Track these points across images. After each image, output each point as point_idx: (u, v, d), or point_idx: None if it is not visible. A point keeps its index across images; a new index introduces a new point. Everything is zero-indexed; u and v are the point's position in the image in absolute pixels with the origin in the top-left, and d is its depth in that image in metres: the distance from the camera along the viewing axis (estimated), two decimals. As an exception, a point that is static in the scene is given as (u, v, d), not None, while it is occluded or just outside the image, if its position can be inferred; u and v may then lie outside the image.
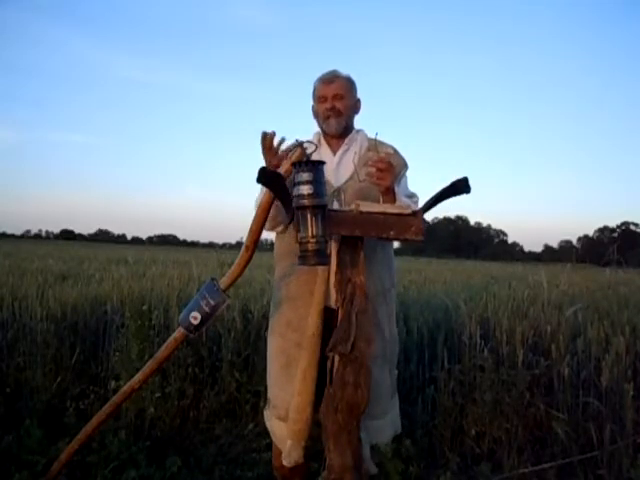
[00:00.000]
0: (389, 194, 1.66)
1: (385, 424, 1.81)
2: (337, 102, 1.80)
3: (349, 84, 1.84)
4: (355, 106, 1.88)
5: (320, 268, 1.65)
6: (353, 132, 1.88)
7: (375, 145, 1.84)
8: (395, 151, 1.85)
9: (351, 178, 1.79)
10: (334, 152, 1.84)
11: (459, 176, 1.52)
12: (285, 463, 1.75)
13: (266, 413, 1.91)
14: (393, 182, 1.64)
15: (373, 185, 1.69)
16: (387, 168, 1.60)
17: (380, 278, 1.80)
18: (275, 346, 1.86)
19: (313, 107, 1.89)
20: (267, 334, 1.95)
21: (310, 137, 1.89)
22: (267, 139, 1.62)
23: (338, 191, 1.76)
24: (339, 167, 1.81)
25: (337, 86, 1.81)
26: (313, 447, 1.79)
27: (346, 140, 1.85)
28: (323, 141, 1.86)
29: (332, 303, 1.66)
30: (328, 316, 1.68)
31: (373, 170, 1.62)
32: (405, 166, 1.84)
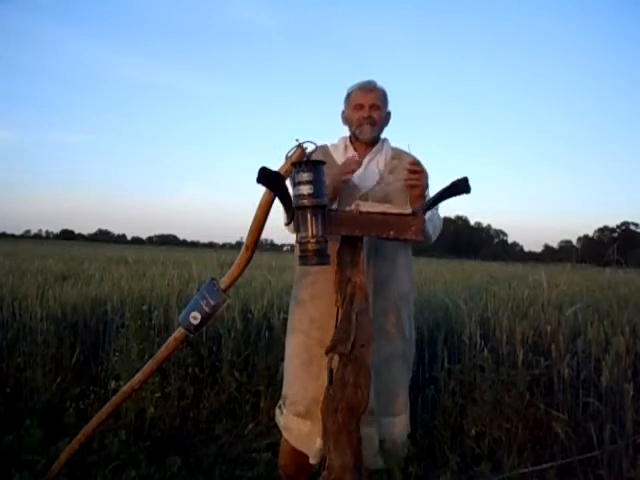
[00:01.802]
0: (419, 200, 1.71)
1: (401, 421, 1.84)
2: (374, 112, 1.86)
3: (384, 96, 1.91)
4: (387, 118, 1.94)
5: None
6: (380, 142, 1.93)
7: (399, 153, 1.91)
8: (418, 162, 1.88)
9: (378, 184, 1.84)
10: (361, 158, 1.88)
11: (459, 176, 1.52)
12: (313, 461, 1.77)
13: (279, 411, 1.91)
14: (426, 186, 1.72)
15: (400, 191, 1.77)
16: (421, 170, 1.69)
17: (402, 281, 1.85)
18: (296, 343, 1.86)
19: (343, 112, 1.95)
20: (286, 332, 1.95)
21: (336, 141, 1.95)
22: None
23: (365, 196, 1.79)
24: (366, 172, 1.86)
25: (375, 96, 1.87)
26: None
27: (374, 149, 1.90)
28: (350, 146, 1.92)
29: None
30: None
31: (405, 173, 1.71)
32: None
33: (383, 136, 1.96)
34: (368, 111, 1.85)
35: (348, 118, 1.92)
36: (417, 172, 1.70)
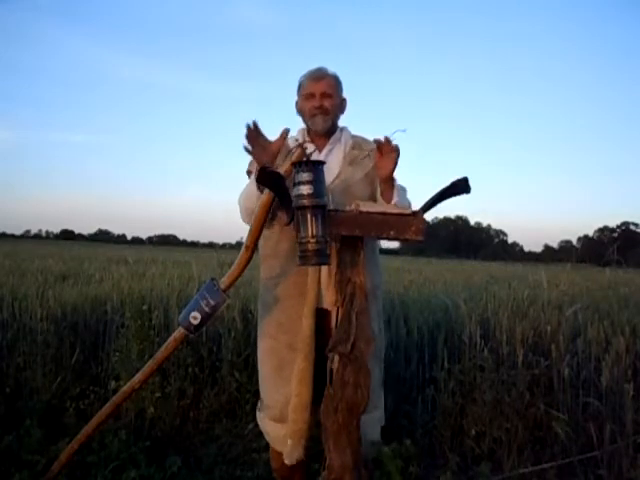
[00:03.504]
0: (388, 182, 1.68)
1: (374, 418, 1.81)
2: (325, 100, 1.79)
3: (336, 83, 1.84)
4: (341, 105, 1.87)
5: (311, 269, 1.65)
6: (337, 131, 1.87)
7: (359, 143, 1.86)
8: (388, 139, 1.85)
9: (338, 177, 1.79)
10: (319, 150, 1.83)
11: (459, 176, 1.52)
12: (287, 462, 1.75)
13: (259, 415, 1.91)
14: (394, 168, 1.66)
15: (361, 182, 1.76)
16: (391, 147, 1.62)
17: (370, 276, 1.80)
18: (266, 348, 1.85)
19: (297, 103, 1.88)
20: (258, 336, 1.93)
21: (294, 134, 1.88)
22: (250, 130, 1.58)
23: (326, 190, 1.76)
24: (326, 166, 1.81)
25: (325, 84, 1.80)
26: (313, 447, 1.79)
27: (331, 139, 1.85)
28: (307, 138, 1.84)
29: (324, 304, 1.67)
30: (320, 317, 1.69)
31: (366, 162, 1.72)
32: None
33: (342, 124, 1.90)
34: (319, 100, 1.78)
35: (301, 108, 1.85)
36: (388, 148, 1.62)
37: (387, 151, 1.62)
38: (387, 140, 1.62)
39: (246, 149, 1.61)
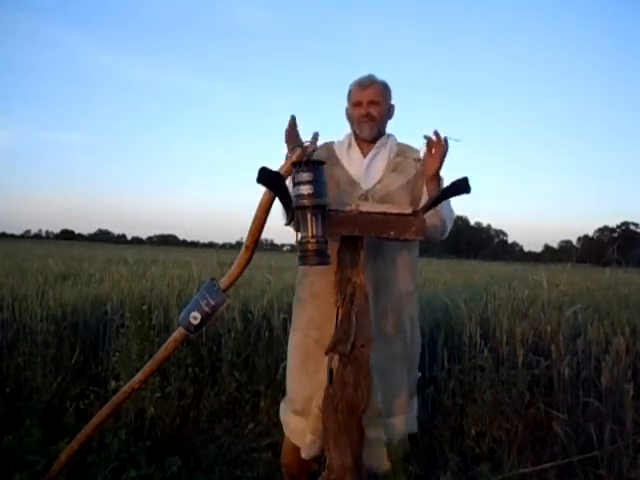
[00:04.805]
0: (434, 180, 1.71)
1: (399, 422, 1.82)
2: (372, 108, 1.83)
3: (384, 90, 1.87)
4: (389, 112, 1.90)
5: None
6: (384, 137, 1.90)
7: (404, 150, 1.89)
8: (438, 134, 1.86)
9: (379, 182, 1.82)
10: (364, 155, 1.87)
11: (459, 176, 1.52)
12: (304, 456, 1.79)
13: (282, 406, 1.93)
14: (441, 165, 1.69)
15: (402, 189, 1.79)
16: (441, 143, 1.67)
17: (405, 281, 1.83)
18: (295, 342, 1.88)
19: (347, 110, 1.92)
20: (290, 330, 1.95)
21: (342, 138, 1.93)
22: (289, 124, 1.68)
23: (366, 194, 1.78)
24: (369, 170, 1.85)
25: (373, 92, 1.83)
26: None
27: (377, 144, 1.88)
28: (354, 143, 1.89)
29: None
30: None
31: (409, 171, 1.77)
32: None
33: (389, 131, 1.93)
34: (366, 108, 1.82)
35: (349, 115, 1.90)
36: (436, 144, 1.67)
37: (435, 147, 1.67)
38: (437, 135, 1.67)
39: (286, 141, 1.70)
